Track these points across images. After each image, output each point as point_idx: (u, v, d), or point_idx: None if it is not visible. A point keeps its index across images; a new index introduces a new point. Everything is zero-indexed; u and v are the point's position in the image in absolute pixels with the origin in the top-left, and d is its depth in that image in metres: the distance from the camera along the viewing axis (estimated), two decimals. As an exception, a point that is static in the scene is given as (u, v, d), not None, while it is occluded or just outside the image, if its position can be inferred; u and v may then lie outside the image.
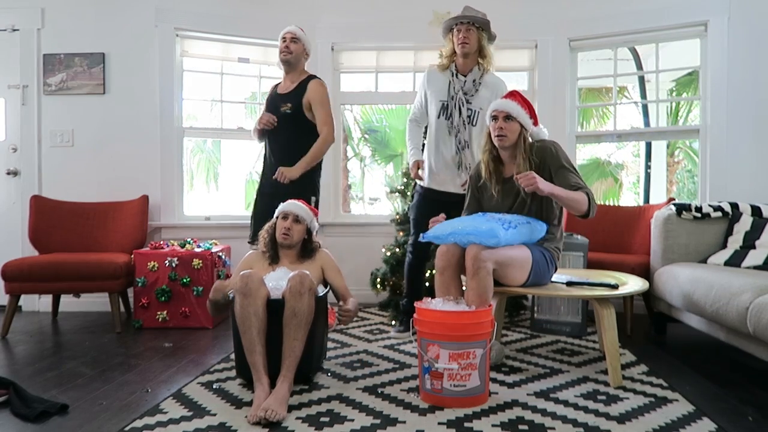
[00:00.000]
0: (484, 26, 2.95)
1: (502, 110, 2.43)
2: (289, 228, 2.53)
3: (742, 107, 3.65)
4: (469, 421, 1.92)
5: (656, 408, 2.03)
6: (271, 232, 2.59)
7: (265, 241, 2.58)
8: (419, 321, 2.10)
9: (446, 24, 3.00)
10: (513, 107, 2.42)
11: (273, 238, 2.58)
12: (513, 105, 2.43)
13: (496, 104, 2.48)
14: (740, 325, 2.25)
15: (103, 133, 3.99)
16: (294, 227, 2.54)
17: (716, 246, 3.11)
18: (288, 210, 2.58)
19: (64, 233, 3.69)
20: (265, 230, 2.62)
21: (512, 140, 2.44)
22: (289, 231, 2.53)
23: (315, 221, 2.66)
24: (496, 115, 2.45)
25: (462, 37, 2.90)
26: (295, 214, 2.56)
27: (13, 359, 2.77)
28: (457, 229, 2.30)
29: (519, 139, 2.44)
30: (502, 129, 2.42)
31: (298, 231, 2.55)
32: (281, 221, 2.57)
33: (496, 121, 2.45)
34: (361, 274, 3.66)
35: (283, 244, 2.55)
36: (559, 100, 4.08)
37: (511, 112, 2.42)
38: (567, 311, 3.17)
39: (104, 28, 3.98)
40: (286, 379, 2.07)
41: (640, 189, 7.17)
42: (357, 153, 8.87)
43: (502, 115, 2.43)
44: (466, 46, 2.91)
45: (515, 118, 2.42)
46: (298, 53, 3.12)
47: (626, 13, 3.92)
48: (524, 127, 2.44)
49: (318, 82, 3.11)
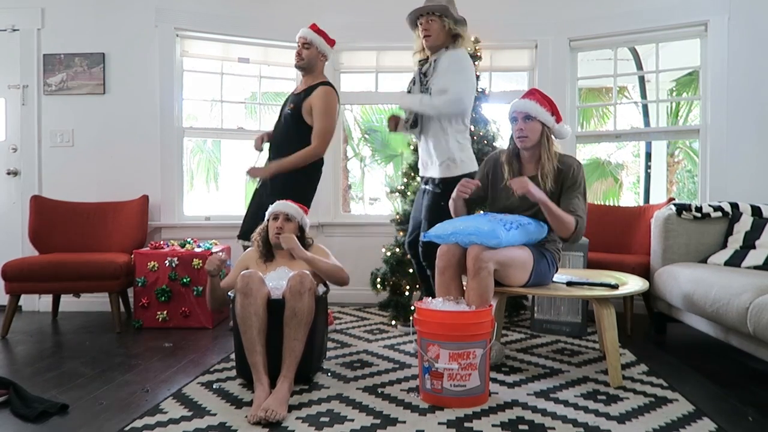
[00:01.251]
0: (444, 12, 2.78)
1: (521, 111, 2.40)
2: (281, 227, 2.53)
3: (742, 107, 3.65)
4: (469, 421, 1.92)
5: (656, 408, 2.03)
6: (264, 234, 2.60)
7: (258, 243, 2.59)
8: (419, 321, 2.10)
9: (409, 20, 2.88)
10: (531, 107, 2.38)
11: (266, 239, 2.58)
12: (531, 104, 2.39)
13: (515, 105, 2.44)
14: (740, 325, 2.25)
15: (103, 133, 3.99)
16: (285, 226, 2.54)
17: (716, 246, 3.11)
18: (277, 210, 2.58)
19: (64, 233, 3.69)
20: (257, 233, 2.62)
21: (534, 140, 2.41)
22: (281, 230, 2.53)
23: (306, 218, 2.65)
24: (516, 117, 2.42)
25: (423, 30, 2.79)
26: (285, 213, 2.57)
27: (13, 359, 2.77)
28: (459, 229, 2.30)
29: (542, 138, 2.41)
30: (523, 130, 2.39)
31: (290, 229, 2.55)
32: (272, 222, 2.57)
33: (516, 122, 2.42)
34: (361, 274, 3.65)
35: (277, 245, 2.55)
36: (559, 100, 4.05)
37: (530, 111, 2.38)
38: (567, 311, 3.17)
39: (104, 28, 3.98)
40: (286, 379, 2.08)
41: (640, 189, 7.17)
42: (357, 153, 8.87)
43: (522, 116, 2.40)
44: (429, 38, 2.78)
45: (535, 117, 2.38)
46: (311, 58, 3.06)
47: (626, 13, 3.92)
48: (546, 125, 2.41)
49: (326, 89, 3.02)
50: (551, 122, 2.41)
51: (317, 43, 3.07)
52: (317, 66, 3.11)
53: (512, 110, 2.44)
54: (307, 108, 2.99)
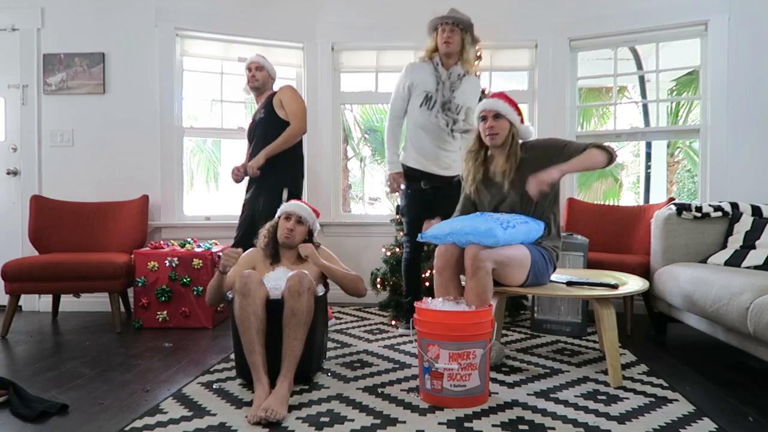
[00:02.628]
0: (468, 28, 3.04)
1: (491, 109, 2.49)
2: (292, 229, 2.53)
3: (742, 107, 3.65)
4: (469, 421, 1.92)
5: (656, 408, 2.03)
6: (273, 231, 2.59)
7: (266, 240, 2.58)
8: (419, 321, 2.10)
9: (432, 23, 3.07)
10: (501, 106, 2.49)
11: (274, 237, 2.58)
12: (501, 104, 2.49)
13: (484, 104, 2.53)
14: (740, 325, 2.25)
15: (103, 133, 3.99)
16: (297, 228, 2.55)
17: (716, 246, 3.11)
18: (291, 211, 2.58)
19: (64, 233, 3.69)
20: (266, 229, 2.62)
21: (503, 137, 2.49)
22: (291, 232, 2.53)
23: (317, 223, 2.66)
24: (486, 115, 2.51)
25: (446, 37, 3.00)
26: (298, 215, 2.57)
27: (13, 359, 2.77)
28: (456, 229, 2.30)
29: (508, 136, 2.50)
30: (493, 127, 2.48)
31: (301, 232, 2.56)
32: (284, 221, 2.57)
33: (486, 121, 2.50)
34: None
35: (285, 244, 2.55)
36: (559, 100, 4.08)
37: (500, 110, 2.48)
38: (567, 311, 3.17)
39: (104, 27, 3.98)
40: (286, 379, 2.07)
41: (640, 189, 7.17)
42: (357, 153, 8.87)
43: (492, 114, 2.49)
44: (450, 46, 3.01)
45: (504, 116, 2.48)
46: (264, 79, 3.43)
47: (626, 13, 3.92)
48: (513, 124, 2.51)
49: (285, 85, 3.38)
50: (517, 121, 2.52)
51: (267, 67, 3.45)
52: (268, 86, 3.47)
53: (481, 109, 2.54)
54: (277, 103, 3.29)
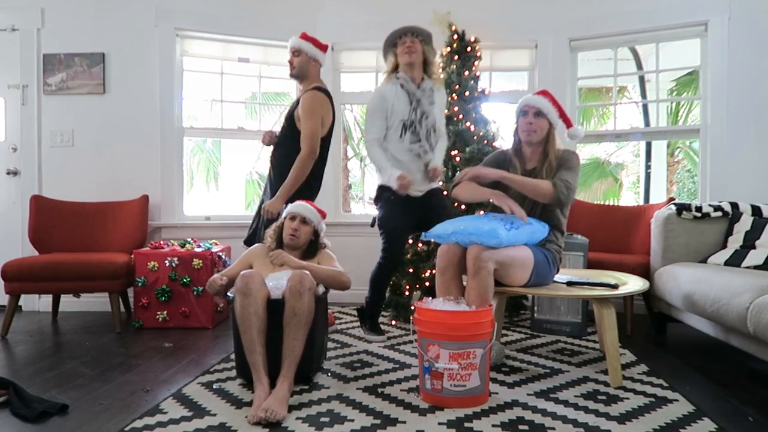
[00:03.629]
0: (427, 39, 2.95)
1: (533, 105, 2.45)
2: (297, 229, 2.54)
3: (742, 107, 3.65)
4: (469, 421, 1.91)
5: (656, 408, 2.03)
6: (278, 232, 2.60)
7: (272, 241, 2.58)
8: (419, 321, 2.10)
9: (389, 40, 2.97)
10: (544, 104, 2.44)
11: (280, 238, 2.58)
12: (544, 102, 2.45)
13: (527, 99, 2.49)
14: (740, 325, 2.25)
15: (103, 133, 3.99)
16: (302, 228, 2.55)
17: (716, 246, 3.11)
18: (296, 211, 2.59)
19: (64, 233, 3.69)
20: (272, 230, 2.62)
21: (541, 136, 2.45)
22: (296, 232, 2.53)
23: (323, 223, 2.66)
24: (527, 110, 2.46)
25: (407, 46, 2.88)
26: (302, 216, 2.57)
27: (13, 359, 2.77)
28: (459, 229, 2.30)
29: (547, 136, 2.46)
30: (532, 124, 2.44)
31: (306, 233, 2.56)
32: (289, 222, 2.57)
33: (526, 116, 2.46)
34: (361, 274, 3.65)
35: (289, 245, 2.55)
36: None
37: (542, 108, 2.44)
38: (567, 311, 3.17)
39: (104, 28, 3.98)
40: (286, 379, 2.07)
41: (640, 189, 7.18)
42: (357, 153, 8.88)
43: (533, 110, 2.45)
44: (413, 55, 2.88)
45: (545, 115, 2.44)
46: (302, 65, 3.05)
47: (626, 13, 3.92)
48: (552, 125, 2.46)
49: (309, 94, 3.00)
50: (557, 123, 2.48)
51: (306, 49, 3.05)
52: (310, 72, 3.09)
53: (523, 104, 2.48)
54: (297, 118, 3.00)
